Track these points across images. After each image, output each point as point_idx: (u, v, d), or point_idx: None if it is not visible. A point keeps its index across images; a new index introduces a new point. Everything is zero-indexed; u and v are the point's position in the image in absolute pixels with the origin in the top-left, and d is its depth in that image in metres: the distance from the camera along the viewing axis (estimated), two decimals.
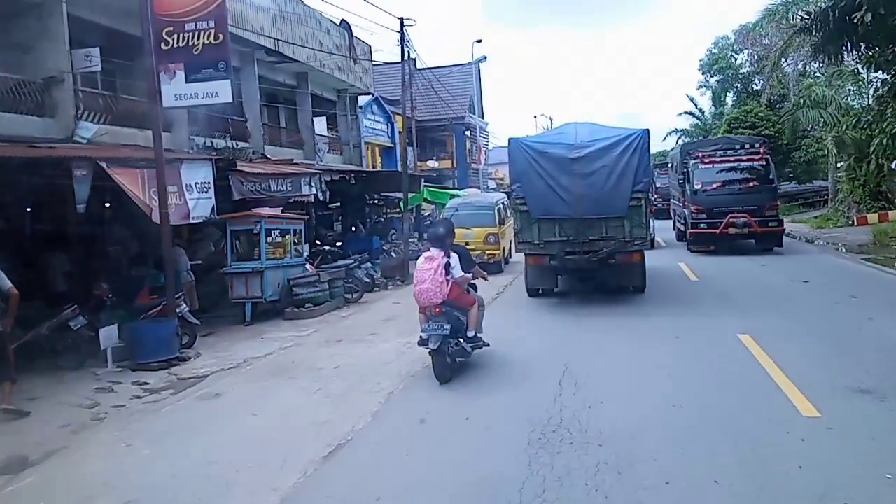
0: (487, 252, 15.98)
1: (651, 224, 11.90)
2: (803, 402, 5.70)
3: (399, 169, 20.83)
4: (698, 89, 46.68)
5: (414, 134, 30.77)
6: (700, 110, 46.88)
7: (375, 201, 25.44)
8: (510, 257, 17.96)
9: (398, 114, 26.22)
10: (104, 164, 9.08)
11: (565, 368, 7.14)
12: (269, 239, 12.03)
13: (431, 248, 7.24)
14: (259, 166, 13.52)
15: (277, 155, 18.11)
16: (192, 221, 10.76)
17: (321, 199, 15.54)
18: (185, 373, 8.43)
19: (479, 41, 53.34)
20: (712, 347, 7.90)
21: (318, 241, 15.99)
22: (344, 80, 23.88)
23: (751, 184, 17.39)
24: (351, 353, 8.76)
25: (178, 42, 9.15)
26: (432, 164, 37.69)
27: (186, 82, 9.24)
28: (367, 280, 14.37)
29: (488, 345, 7.69)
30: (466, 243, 12.19)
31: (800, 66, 33.08)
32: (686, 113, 47.54)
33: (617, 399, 6.09)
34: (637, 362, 7.42)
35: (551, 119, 54.75)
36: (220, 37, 9.10)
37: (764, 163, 17.70)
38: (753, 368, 6.85)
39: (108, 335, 8.76)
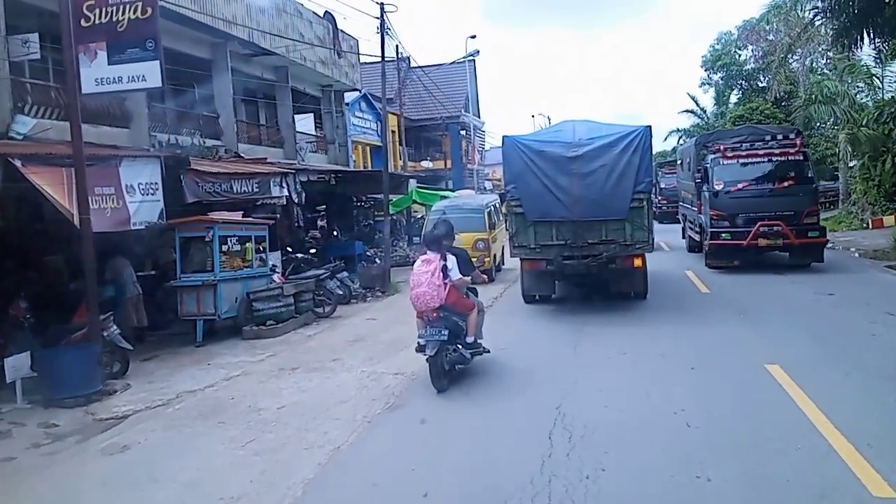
0: (485, 259, 14.60)
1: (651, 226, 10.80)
2: (869, 472, 4.31)
3: (390, 169, 19.48)
4: (701, 86, 45.45)
5: (403, 132, 29.48)
6: (702, 109, 45.51)
7: (363, 203, 24.03)
8: (502, 264, 16.60)
9: (391, 112, 24.89)
10: (18, 163, 7.72)
11: (558, 413, 5.78)
12: (225, 247, 10.61)
13: (428, 251, 6.98)
14: (220, 165, 12.09)
15: (254, 154, 16.75)
16: (132, 228, 9.37)
17: (296, 201, 14.19)
18: (104, 411, 7.04)
19: (473, 37, 51.38)
20: (737, 384, 6.49)
21: (289, 248, 14.54)
22: (328, 75, 22.49)
23: (786, 183, 14.04)
24: (304, 387, 7.37)
25: (100, 17, 7.73)
26: (426, 164, 36.30)
27: (109, 64, 7.81)
28: (341, 292, 12.94)
29: (488, 351, 7.35)
30: None
31: (808, 62, 31.81)
32: (687, 111, 46.21)
33: (623, 464, 4.70)
34: (647, 404, 6.01)
35: (549, 118, 53.16)
36: (149, 10, 7.68)
37: (801, 157, 14.33)
38: (794, 417, 5.44)
39: (17, 365, 7.37)
